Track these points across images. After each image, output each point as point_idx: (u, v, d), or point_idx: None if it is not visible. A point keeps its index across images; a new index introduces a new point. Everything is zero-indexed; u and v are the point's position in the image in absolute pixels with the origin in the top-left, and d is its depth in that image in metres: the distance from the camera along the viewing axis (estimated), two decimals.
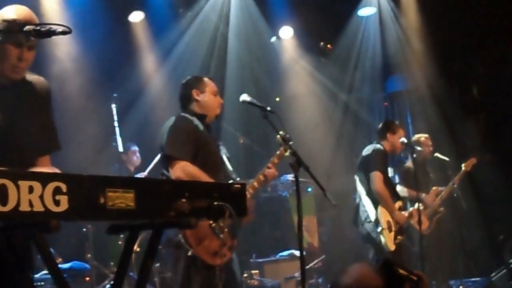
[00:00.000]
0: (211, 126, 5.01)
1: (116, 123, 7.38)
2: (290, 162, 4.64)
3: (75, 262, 7.11)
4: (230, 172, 4.94)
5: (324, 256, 8.86)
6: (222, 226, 4.47)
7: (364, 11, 10.54)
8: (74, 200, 2.24)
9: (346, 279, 2.76)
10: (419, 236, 7.09)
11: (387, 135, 7.06)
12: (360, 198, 6.89)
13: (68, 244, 7.20)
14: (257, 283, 7.79)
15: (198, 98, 4.92)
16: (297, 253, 8.15)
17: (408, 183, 7.84)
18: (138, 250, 6.47)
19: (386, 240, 6.64)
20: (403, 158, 8.86)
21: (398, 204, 6.96)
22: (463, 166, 8.20)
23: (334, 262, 8.94)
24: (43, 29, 3.00)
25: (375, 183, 6.74)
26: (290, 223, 9.22)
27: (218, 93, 5.04)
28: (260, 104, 4.86)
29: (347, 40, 10.77)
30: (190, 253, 4.48)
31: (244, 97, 4.96)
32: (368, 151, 7.00)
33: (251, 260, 8.42)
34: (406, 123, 11.50)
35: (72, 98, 8.11)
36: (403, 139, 7.25)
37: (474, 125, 10.48)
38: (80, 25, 7.67)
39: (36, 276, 6.16)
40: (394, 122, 7.32)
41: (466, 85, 10.72)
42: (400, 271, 2.85)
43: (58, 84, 7.96)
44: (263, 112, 4.78)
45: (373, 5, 10.44)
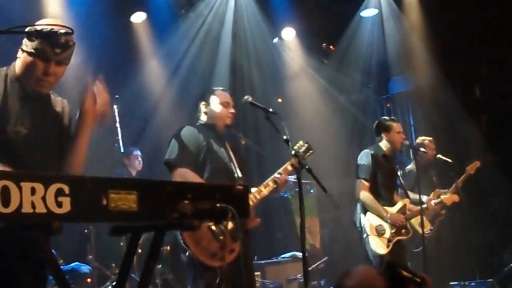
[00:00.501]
0: (223, 135, 5.12)
1: (118, 125, 7.37)
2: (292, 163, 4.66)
3: (76, 263, 7.09)
4: (236, 179, 4.95)
5: (326, 258, 8.86)
6: (222, 229, 4.51)
7: (366, 12, 10.52)
8: (76, 202, 2.24)
9: (349, 281, 2.74)
10: (421, 238, 7.07)
11: (382, 135, 7.04)
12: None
13: (69, 246, 7.19)
14: (259, 285, 7.78)
15: (206, 110, 5.09)
16: (299, 254, 8.14)
17: (410, 186, 7.82)
18: (140, 251, 6.46)
19: (373, 246, 6.66)
20: (404, 160, 8.84)
21: (404, 201, 6.96)
22: (466, 169, 8.18)
23: (336, 263, 8.92)
24: (45, 30, 2.99)
25: (357, 191, 6.82)
26: (292, 225, 9.22)
27: (231, 104, 5.12)
28: (262, 106, 4.88)
29: (349, 41, 10.76)
30: (187, 253, 4.58)
31: (247, 98, 4.99)
32: (358, 157, 7.05)
33: (253, 261, 8.40)
34: (408, 125, 11.50)
35: (73, 99, 8.10)
36: (405, 141, 7.23)
37: (477, 126, 10.46)
38: (82, 26, 7.63)
39: None
40: (385, 119, 7.27)
41: (469, 86, 10.71)
42: (403, 273, 2.84)
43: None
44: (265, 114, 4.80)
45: (375, 6, 10.43)
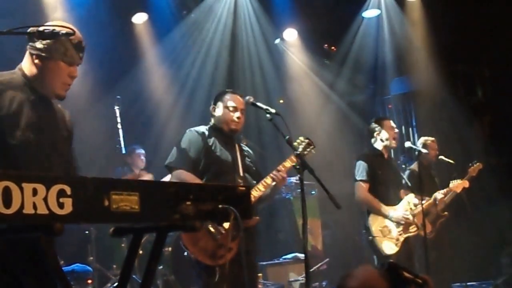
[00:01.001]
0: (232, 137, 5.22)
1: (119, 125, 7.37)
2: (294, 164, 4.67)
3: (77, 264, 7.10)
4: (237, 180, 4.99)
5: (327, 259, 8.84)
6: (219, 228, 4.60)
7: (369, 13, 10.52)
8: (78, 203, 2.22)
9: (351, 282, 2.74)
10: (423, 239, 7.06)
11: (375, 135, 7.03)
12: None
13: (70, 247, 7.18)
14: (260, 286, 7.78)
15: (214, 113, 5.21)
16: (301, 256, 8.14)
17: (412, 187, 7.81)
18: (141, 252, 6.45)
19: (381, 246, 6.65)
20: (407, 161, 8.83)
21: (409, 198, 6.95)
22: (469, 171, 8.17)
23: (338, 265, 8.91)
24: (46, 30, 2.99)
25: (356, 194, 6.85)
26: (294, 226, 9.21)
27: (238, 108, 5.14)
28: (264, 106, 4.88)
29: (351, 42, 10.76)
30: (185, 253, 4.69)
31: (249, 99, 5.00)
32: (355, 160, 7.06)
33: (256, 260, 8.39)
34: (410, 126, 11.50)
35: (74, 100, 8.10)
36: (407, 142, 7.23)
37: (479, 127, 10.45)
38: (83, 26, 7.64)
39: None
40: (376, 119, 7.29)
41: (471, 87, 10.70)
42: (405, 274, 2.83)
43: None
44: (267, 114, 4.80)
45: (377, 6, 10.43)
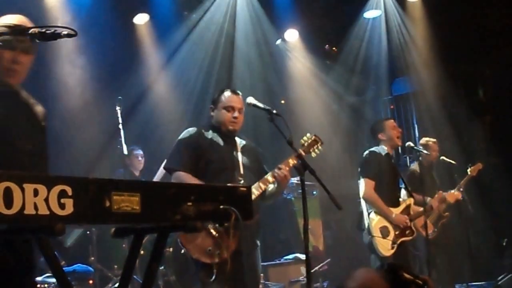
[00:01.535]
0: (231, 136, 5.18)
1: (120, 126, 7.37)
2: (295, 165, 4.66)
3: (78, 265, 7.09)
4: (237, 179, 4.96)
5: (329, 260, 8.83)
6: (216, 226, 4.59)
7: (370, 14, 10.52)
8: (79, 204, 2.23)
9: (352, 284, 2.75)
10: (424, 240, 7.06)
11: (378, 136, 7.03)
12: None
13: (71, 247, 7.19)
14: (261, 287, 7.77)
15: (212, 113, 5.19)
16: (302, 256, 8.13)
17: (413, 187, 7.81)
18: (142, 253, 6.45)
19: (379, 247, 6.65)
20: (408, 162, 8.84)
21: (409, 201, 6.95)
22: (469, 171, 8.17)
23: (339, 265, 8.91)
24: (48, 31, 2.99)
25: (362, 190, 6.81)
26: (295, 226, 9.21)
27: (236, 108, 5.12)
28: (266, 107, 4.88)
29: (353, 42, 10.76)
30: (183, 251, 4.67)
31: (250, 100, 4.99)
32: (363, 156, 7.03)
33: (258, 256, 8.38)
34: (412, 126, 11.50)
35: (76, 101, 8.12)
36: (408, 143, 7.23)
37: (480, 127, 10.45)
38: (84, 27, 7.67)
39: (40, 278, 6.16)
40: (378, 120, 7.30)
41: (472, 87, 10.70)
42: (405, 275, 2.84)
43: (62, 87, 7.97)
44: (269, 115, 4.80)
45: (378, 7, 10.43)
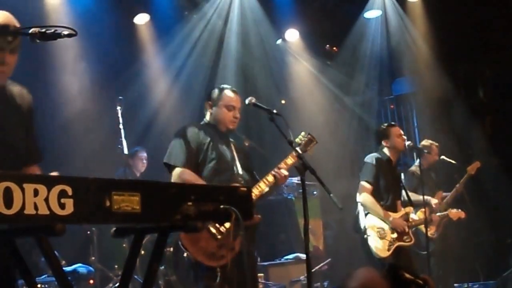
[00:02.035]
0: (226, 134, 5.14)
1: (121, 126, 7.37)
2: (296, 165, 4.65)
3: (79, 265, 7.09)
4: (237, 178, 4.95)
5: (329, 260, 8.84)
6: (218, 227, 4.54)
7: (370, 14, 10.51)
8: (79, 203, 2.23)
9: (352, 283, 2.75)
10: (425, 240, 7.06)
11: (382, 142, 7.04)
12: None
13: (72, 247, 7.19)
14: (262, 287, 7.78)
15: (210, 110, 5.11)
16: (302, 256, 8.13)
17: (412, 187, 7.82)
18: (143, 253, 6.45)
19: (374, 248, 6.65)
20: (408, 161, 8.84)
21: (408, 209, 6.95)
22: (467, 170, 8.18)
23: (340, 265, 8.91)
24: (48, 31, 2.99)
25: (360, 193, 6.86)
26: (296, 226, 9.20)
27: (237, 107, 5.10)
28: (266, 107, 4.88)
29: (353, 42, 10.75)
30: (185, 254, 4.56)
31: (250, 99, 4.98)
32: (364, 160, 7.06)
33: (256, 259, 8.39)
34: (412, 126, 11.49)
35: (77, 101, 8.12)
36: (408, 143, 7.23)
37: (480, 128, 10.44)
38: (85, 27, 7.67)
39: (40, 278, 6.16)
40: (382, 126, 7.29)
41: (473, 87, 10.68)
42: (406, 275, 2.84)
43: (62, 86, 7.98)
44: (269, 115, 4.79)
45: (379, 7, 10.42)
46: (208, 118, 5.15)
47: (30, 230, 2.25)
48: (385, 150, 7.00)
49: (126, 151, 7.41)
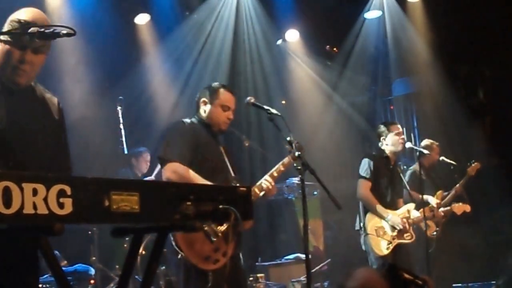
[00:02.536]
0: (218, 134, 5.02)
1: (121, 126, 7.37)
2: (295, 165, 4.64)
3: (79, 265, 7.10)
4: (231, 179, 4.90)
5: (329, 260, 8.84)
6: (216, 230, 4.41)
7: (370, 14, 10.53)
8: (78, 203, 2.23)
9: (351, 283, 2.75)
10: (425, 240, 7.07)
11: (381, 140, 7.06)
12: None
13: (73, 247, 7.19)
14: (262, 287, 7.78)
15: (204, 108, 4.95)
16: (303, 256, 8.12)
17: (413, 187, 7.82)
18: (144, 253, 6.45)
19: (373, 246, 6.66)
20: (408, 162, 8.83)
21: (409, 206, 6.96)
22: (467, 171, 8.18)
23: (340, 265, 8.90)
24: (47, 30, 2.98)
25: (358, 190, 6.89)
26: (296, 227, 9.21)
27: (232, 108, 4.99)
28: (265, 107, 4.85)
29: (353, 43, 10.76)
30: (180, 256, 4.43)
31: (250, 99, 4.96)
32: (362, 158, 7.09)
33: (257, 263, 8.41)
34: (412, 127, 11.49)
35: (77, 100, 8.12)
36: (408, 143, 7.24)
37: (480, 128, 10.44)
38: (85, 27, 7.67)
39: (42, 278, 6.15)
40: (383, 124, 7.30)
41: (472, 88, 10.69)
42: (405, 275, 2.84)
43: (63, 86, 7.97)
44: (269, 115, 4.77)
45: (379, 8, 10.43)
46: (201, 116, 4.97)
47: (29, 229, 2.25)
48: (384, 148, 7.02)
49: (126, 151, 7.43)
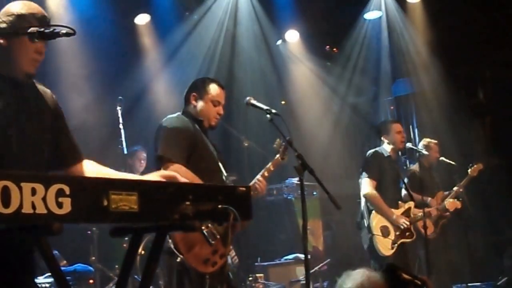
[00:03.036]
0: (208, 131, 4.88)
1: (121, 126, 7.37)
2: (295, 165, 4.62)
3: (79, 264, 7.09)
4: (224, 178, 4.84)
5: (329, 260, 8.85)
6: (214, 232, 4.34)
7: (370, 15, 10.52)
8: (77, 203, 2.22)
9: (350, 283, 2.75)
10: (424, 240, 7.07)
11: (382, 138, 7.07)
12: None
13: (72, 247, 7.19)
14: (262, 287, 7.78)
15: (195, 103, 4.84)
16: (302, 256, 8.14)
17: (413, 187, 7.82)
18: (143, 253, 6.46)
19: (379, 246, 6.66)
20: (408, 162, 8.84)
21: (409, 205, 6.96)
22: (469, 171, 8.18)
23: (339, 265, 8.91)
24: (47, 30, 2.98)
25: (364, 189, 6.85)
26: (296, 227, 9.23)
27: (222, 103, 4.90)
28: (265, 107, 4.83)
29: (353, 43, 10.76)
30: (179, 259, 4.32)
31: (249, 99, 4.94)
32: (365, 157, 7.08)
33: (256, 263, 8.41)
34: (412, 127, 11.50)
35: (76, 100, 8.11)
36: (408, 143, 7.24)
37: (480, 128, 10.45)
38: (85, 27, 7.67)
39: (41, 278, 6.16)
40: (383, 122, 7.33)
41: (472, 88, 10.69)
42: (404, 275, 2.84)
43: (62, 86, 7.97)
44: (268, 115, 4.75)
45: (379, 8, 10.43)
46: (191, 110, 4.84)
47: (27, 229, 2.25)
48: (384, 146, 7.03)
49: (126, 151, 7.43)
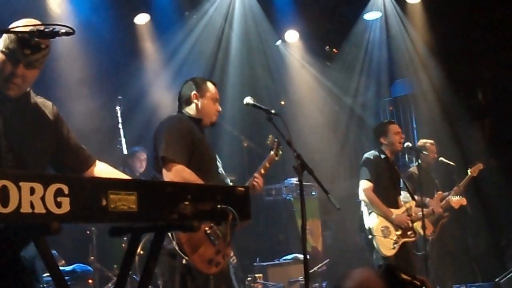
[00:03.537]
0: (206, 129, 4.85)
1: (120, 125, 7.37)
2: (294, 165, 4.62)
3: (78, 264, 7.09)
4: (223, 178, 4.86)
5: (328, 260, 8.85)
6: (218, 233, 4.35)
7: (370, 15, 10.53)
8: (76, 202, 2.22)
9: (349, 283, 2.74)
10: (423, 240, 7.07)
11: (380, 140, 7.05)
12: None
13: (71, 247, 7.19)
14: (261, 287, 7.78)
15: (197, 102, 4.77)
16: (301, 256, 8.14)
17: (412, 188, 7.82)
18: (142, 253, 6.46)
19: (380, 246, 6.66)
20: (407, 163, 8.84)
21: (410, 204, 6.97)
22: (469, 172, 8.18)
23: (338, 266, 8.93)
24: (46, 29, 2.98)
25: (361, 192, 6.87)
26: (294, 227, 9.22)
27: (219, 100, 4.89)
28: (264, 107, 4.83)
29: (353, 44, 10.77)
30: (184, 261, 4.26)
31: (248, 99, 4.93)
32: (362, 160, 7.08)
33: (255, 263, 8.41)
34: (411, 128, 11.50)
35: (76, 100, 8.11)
36: (407, 143, 7.24)
37: (479, 129, 10.45)
38: (85, 27, 7.68)
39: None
40: (381, 123, 7.32)
41: (472, 89, 10.69)
42: (402, 276, 2.84)
43: (62, 86, 7.97)
44: (267, 115, 4.75)
45: (378, 9, 10.43)
46: (192, 110, 4.79)
47: (26, 228, 2.24)
48: (383, 148, 7.02)
49: (125, 151, 7.42)
